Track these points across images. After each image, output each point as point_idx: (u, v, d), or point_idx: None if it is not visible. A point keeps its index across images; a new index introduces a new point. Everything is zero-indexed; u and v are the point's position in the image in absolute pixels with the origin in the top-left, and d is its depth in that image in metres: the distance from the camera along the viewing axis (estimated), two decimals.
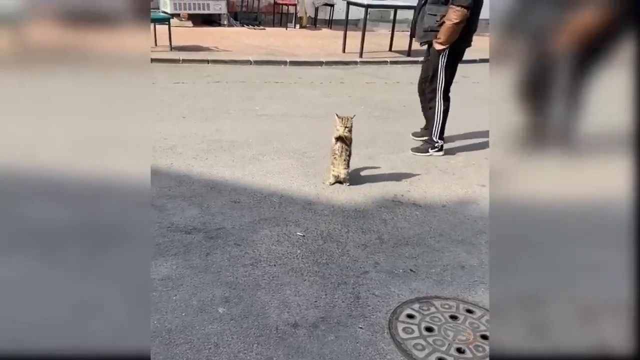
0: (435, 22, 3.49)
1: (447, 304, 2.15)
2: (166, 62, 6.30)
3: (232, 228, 2.60)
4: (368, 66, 7.08)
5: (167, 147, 3.60)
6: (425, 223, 2.83)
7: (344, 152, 3.14)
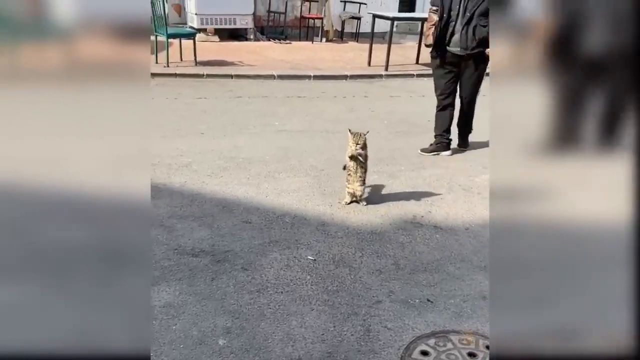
0: (486, 33, 3.60)
1: (466, 340, 1.98)
2: (190, 77, 6.34)
3: (240, 251, 2.50)
4: (393, 79, 6.94)
5: (183, 165, 3.55)
6: (445, 247, 2.66)
7: (358, 169, 3.02)
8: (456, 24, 3.73)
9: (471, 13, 3.65)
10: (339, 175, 3.49)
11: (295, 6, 9.39)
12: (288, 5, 9.24)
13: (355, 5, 9.59)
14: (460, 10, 3.69)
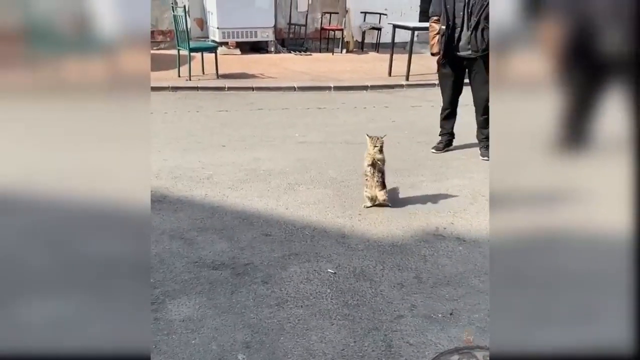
0: None
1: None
2: (212, 90, 6.42)
3: (260, 264, 2.49)
4: (414, 89, 6.89)
5: (204, 177, 3.58)
6: (469, 260, 2.59)
7: (376, 173, 3.09)
8: (462, 29, 3.87)
9: (478, 17, 3.79)
10: (359, 186, 3.47)
11: (316, 18, 9.45)
12: (308, 17, 9.31)
13: (376, 16, 9.60)
14: (465, 15, 3.84)
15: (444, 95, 4.29)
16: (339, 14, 9.53)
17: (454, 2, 3.84)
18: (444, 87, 4.28)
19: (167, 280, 2.32)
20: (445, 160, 4.12)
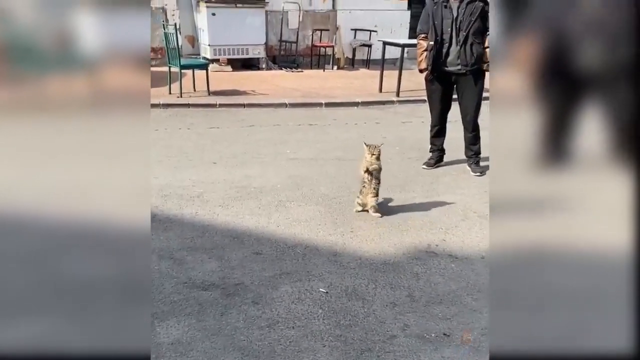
0: (482, 50, 3.87)
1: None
2: (203, 107, 6.41)
3: (251, 284, 2.45)
4: (405, 105, 6.94)
5: (195, 195, 3.55)
6: (461, 277, 2.58)
7: (372, 181, 3.21)
8: (450, 45, 3.91)
9: (466, 32, 3.84)
10: (350, 203, 3.46)
11: (307, 35, 9.53)
12: (299, 34, 9.38)
13: (366, 33, 9.70)
14: (453, 31, 3.88)
15: (433, 112, 4.31)
16: (329, 31, 9.63)
17: (441, 19, 3.89)
18: (432, 103, 4.29)
19: (156, 302, 2.27)
20: (436, 176, 4.12)
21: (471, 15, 3.80)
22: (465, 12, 3.81)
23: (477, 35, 3.85)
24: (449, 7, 3.87)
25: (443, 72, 4.03)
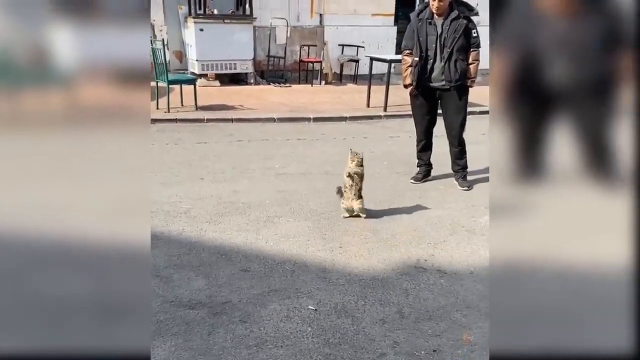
0: (465, 66, 3.96)
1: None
2: (191, 122, 6.40)
3: (239, 302, 2.42)
4: (392, 120, 6.99)
5: (182, 211, 3.51)
6: (451, 293, 2.57)
7: (354, 186, 3.36)
8: (435, 61, 3.97)
9: (450, 48, 3.90)
10: (339, 218, 3.45)
11: (294, 51, 9.60)
12: (287, 50, 9.45)
13: (353, 49, 9.80)
14: (437, 48, 3.94)
15: (418, 127, 4.34)
16: (317, 47, 9.71)
17: (426, 35, 3.94)
18: (417, 118, 4.32)
19: None
20: (425, 191, 4.14)
21: (455, 32, 3.86)
22: (450, 29, 3.86)
23: (460, 52, 3.92)
24: (434, 23, 3.92)
25: (427, 88, 4.08)
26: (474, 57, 3.99)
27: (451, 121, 4.17)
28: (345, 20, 9.89)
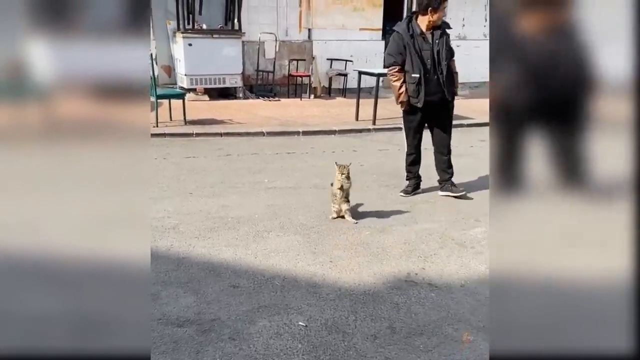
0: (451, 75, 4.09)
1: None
2: (180, 136, 6.37)
3: (227, 319, 2.38)
4: (381, 133, 7.02)
5: (170, 227, 3.47)
6: (442, 307, 2.56)
7: (342, 194, 3.62)
8: (431, 75, 3.98)
9: (446, 62, 3.98)
10: (329, 232, 3.44)
11: (283, 65, 9.64)
12: (276, 64, 9.49)
13: (342, 63, 9.88)
14: (432, 63, 3.97)
15: (411, 140, 4.30)
16: (306, 61, 9.77)
17: (420, 50, 3.91)
18: (411, 132, 4.27)
19: None
20: (414, 204, 4.14)
21: (446, 46, 3.97)
22: (441, 43, 3.94)
23: (451, 64, 4.06)
24: (426, 38, 3.94)
25: (426, 102, 4.04)
26: (455, 68, 4.13)
27: (443, 132, 4.23)
28: (334, 35, 9.98)
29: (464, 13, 10.78)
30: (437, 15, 3.88)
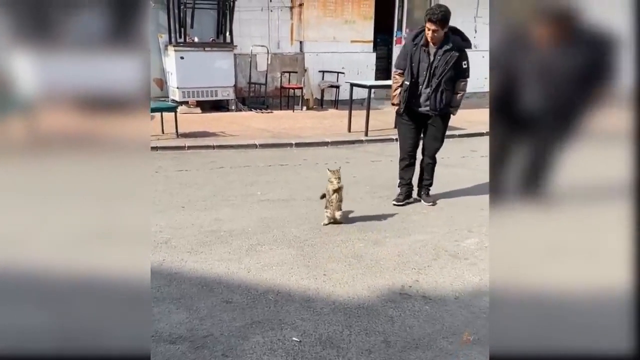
0: (451, 96, 4.06)
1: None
2: (172, 149, 6.34)
3: (220, 335, 2.35)
4: (373, 144, 7.04)
5: (162, 241, 3.44)
6: (436, 320, 2.55)
7: (337, 197, 3.75)
8: (423, 87, 4.06)
9: (439, 79, 3.97)
10: (323, 244, 3.43)
11: (275, 77, 9.68)
12: (268, 76, 9.52)
13: (334, 75, 9.93)
14: (427, 76, 4.01)
15: (403, 144, 4.37)
16: (297, 73, 9.81)
17: (418, 61, 4.00)
18: (403, 136, 4.36)
19: None
20: (407, 215, 4.14)
21: (446, 64, 3.91)
22: (441, 60, 3.92)
23: (448, 83, 3.99)
24: (427, 51, 3.97)
25: (414, 110, 4.16)
26: (460, 88, 4.06)
27: (430, 144, 4.32)
28: (325, 47, 10.04)
29: (454, 24, 10.91)
30: (428, 30, 3.87)
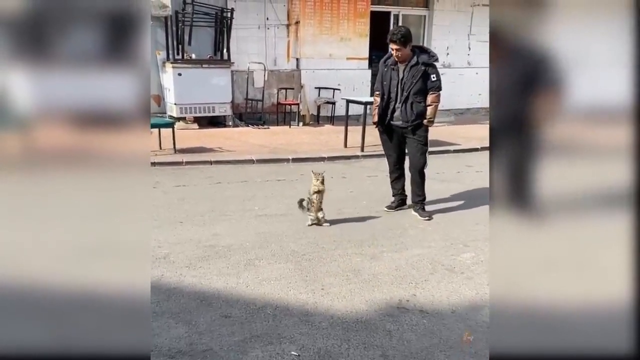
0: (422, 107, 4.29)
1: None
2: (170, 165, 6.37)
3: (220, 349, 2.36)
4: (369, 160, 7.10)
5: (160, 257, 3.46)
6: (434, 333, 2.57)
7: (318, 198, 4.10)
8: (396, 102, 4.38)
9: (407, 93, 4.28)
10: (320, 259, 3.45)
11: (272, 93, 9.77)
12: (265, 92, 9.61)
13: (330, 91, 10.04)
14: (398, 91, 4.36)
15: (388, 159, 4.73)
16: (294, 89, 9.91)
17: (390, 79, 4.37)
18: (386, 152, 4.73)
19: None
20: (404, 229, 4.18)
21: (413, 78, 4.23)
22: (408, 75, 4.25)
23: (418, 95, 4.26)
24: (397, 69, 4.34)
25: (390, 125, 4.48)
26: (432, 100, 4.30)
27: (412, 156, 4.51)
28: (321, 64, 10.16)
29: (448, 42, 11.07)
30: (392, 50, 4.22)
